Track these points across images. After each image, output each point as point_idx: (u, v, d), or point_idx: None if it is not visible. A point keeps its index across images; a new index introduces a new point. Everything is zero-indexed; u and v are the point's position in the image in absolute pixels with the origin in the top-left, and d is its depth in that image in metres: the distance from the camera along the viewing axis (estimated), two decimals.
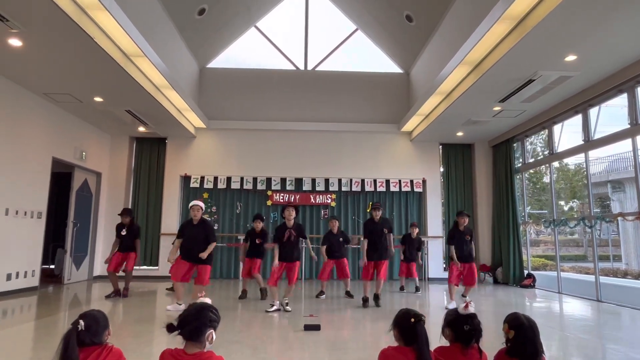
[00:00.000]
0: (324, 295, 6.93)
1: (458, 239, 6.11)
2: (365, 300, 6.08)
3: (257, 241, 6.76)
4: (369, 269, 6.16)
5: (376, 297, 6.09)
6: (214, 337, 1.87)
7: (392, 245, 6.27)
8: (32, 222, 7.13)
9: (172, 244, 5.81)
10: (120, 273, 6.77)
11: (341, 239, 7.15)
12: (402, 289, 7.84)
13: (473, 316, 2.09)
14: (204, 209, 5.70)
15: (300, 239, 5.77)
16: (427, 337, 2.00)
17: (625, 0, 4.34)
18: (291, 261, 5.67)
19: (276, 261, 5.58)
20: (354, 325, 4.90)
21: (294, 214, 5.66)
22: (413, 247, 7.88)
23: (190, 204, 5.64)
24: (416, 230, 7.99)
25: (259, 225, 6.78)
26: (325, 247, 7.08)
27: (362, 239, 6.39)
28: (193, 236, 5.50)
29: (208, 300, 1.99)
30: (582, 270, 10.85)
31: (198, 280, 5.52)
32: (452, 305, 6.02)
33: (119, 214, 7.00)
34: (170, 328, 1.87)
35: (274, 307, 5.51)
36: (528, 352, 1.99)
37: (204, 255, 5.41)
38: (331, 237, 7.13)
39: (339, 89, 10.34)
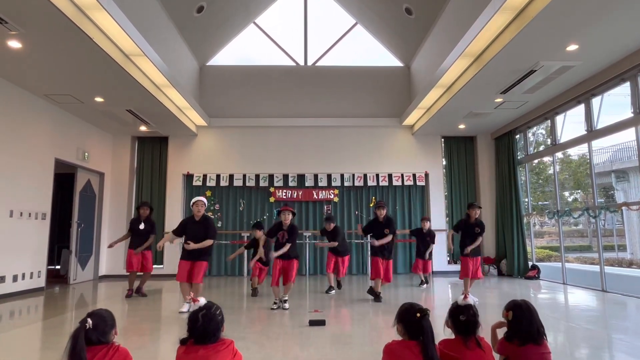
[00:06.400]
0: (333, 291, 6.84)
1: (464, 231, 6.09)
2: (377, 295, 6.02)
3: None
4: (378, 266, 6.08)
5: (376, 295, 6.02)
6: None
7: (392, 247, 6.31)
8: (36, 223, 7.16)
9: (166, 233, 5.68)
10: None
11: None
12: (422, 283, 7.62)
13: (469, 307, 2.13)
14: (206, 204, 5.65)
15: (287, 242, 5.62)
16: (432, 332, 2.01)
17: None
18: (287, 259, 5.61)
19: (261, 250, 5.92)
20: (359, 320, 4.91)
21: (289, 217, 5.67)
22: (425, 241, 7.68)
23: (193, 200, 5.55)
24: (427, 224, 7.76)
25: (258, 234, 6.66)
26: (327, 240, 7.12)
27: (359, 227, 6.70)
28: (194, 234, 5.41)
29: (202, 300, 2.04)
30: (587, 260, 10.82)
31: (192, 278, 5.36)
32: (472, 299, 6.06)
33: (136, 207, 6.95)
34: (184, 341, 1.98)
35: (276, 306, 5.54)
36: (524, 329, 2.07)
37: (194, 246, 5.26)
38: (326, 234, 7.12)
39: (340, 83, 10.30)
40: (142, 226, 6.69)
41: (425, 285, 7.60)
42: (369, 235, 6.58)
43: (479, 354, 2.05)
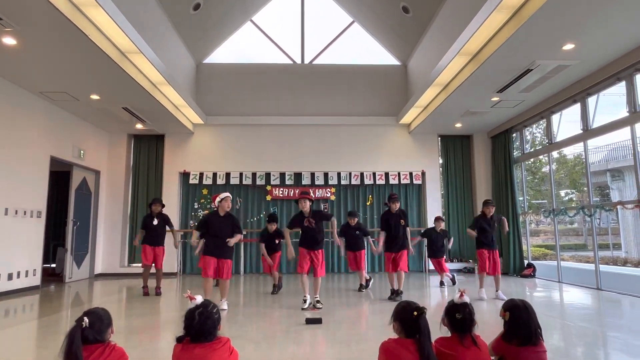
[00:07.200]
0: (366, 288, 6.83)
1: (482, 227, 6.17)
2: (392, 292, 5.98)
3: (276, 241, 6.77)
4: (390, 261, 6.04)
5: (398, 293, 5.91)
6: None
7: (410, 239, 6.22)
8: (32, 221, 7.12)
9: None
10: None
11: (357, 231, 6.94)
12: (442, 284, 7.53)
13: (465, 305, 2.14)
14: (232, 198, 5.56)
15: (323, 222, 5.55)
16: (429, 330, 2.02)
17: None
18: (313, 248, 5.36)
19: (290, 249, 5.35)
20: (356, 318, 4.92)
21: (308, 204, 5.44)
22: (439, 242, 7.54)
23: (222, 196, 5.36)
24: (442, 224, 7.65)
25: (274, 227, 6.72)
26: (343, 239, 6.90)
27: (380, 231, 6.25)
28: (219, 228, 5.27)
29: (199, 297, 2.03)
30: (582, 259, 10.89)
31: (221, 274, 5.28)
32: (484, 294, 6.02)
33: (149, 204, 6.90)
34: (180, 339, 1.97)
35: (308, 302, 5.29)
36: (521, 332, 2.06)
37: (230, 242, 5.23)
38: (348, 229, 6.96)
39: (337, 82, 10.30)
40: (155, 222, 6.65)
41: (445, 285, 7.44)
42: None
43: (475, 351, 2.06)
